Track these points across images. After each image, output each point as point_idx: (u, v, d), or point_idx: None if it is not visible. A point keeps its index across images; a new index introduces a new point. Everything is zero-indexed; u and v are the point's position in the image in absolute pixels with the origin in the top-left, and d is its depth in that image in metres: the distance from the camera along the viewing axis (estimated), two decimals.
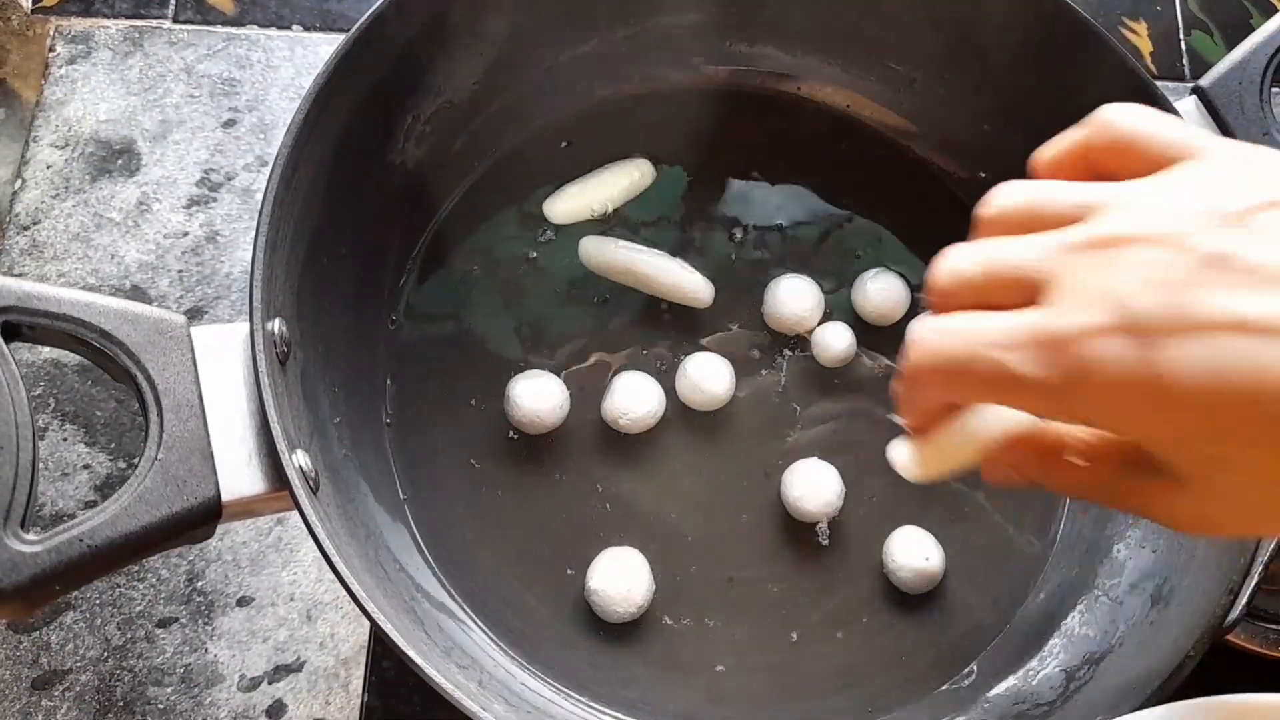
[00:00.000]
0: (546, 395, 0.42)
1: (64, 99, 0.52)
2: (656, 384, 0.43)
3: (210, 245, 0.50)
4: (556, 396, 0.42)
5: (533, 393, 0.42)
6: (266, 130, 0.53)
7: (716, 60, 0.49)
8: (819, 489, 0.42)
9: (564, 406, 0.43)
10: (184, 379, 0.32)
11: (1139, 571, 0.40)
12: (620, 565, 0.40)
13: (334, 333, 0.39)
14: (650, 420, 0.43)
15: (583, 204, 0.47)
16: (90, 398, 0.47)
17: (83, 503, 0.45)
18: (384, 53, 0.39)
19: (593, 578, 0.40)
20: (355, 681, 0.43)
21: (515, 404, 0.42)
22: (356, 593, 0.30)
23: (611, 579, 0.40)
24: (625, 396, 0.43)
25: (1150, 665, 0.34)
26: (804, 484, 0.42)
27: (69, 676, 0.43)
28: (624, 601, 0.40)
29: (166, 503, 0.30)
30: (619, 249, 0.45)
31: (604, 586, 0.40)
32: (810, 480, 0.42)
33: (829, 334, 0.45)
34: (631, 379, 0.43)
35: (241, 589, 0.45)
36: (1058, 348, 0.23)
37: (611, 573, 0.40)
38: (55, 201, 0.50)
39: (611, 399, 0.43)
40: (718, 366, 0.44)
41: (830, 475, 0.42)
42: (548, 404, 0.42)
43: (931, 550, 0.42)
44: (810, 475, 0.42)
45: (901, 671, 0.41)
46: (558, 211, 0.46)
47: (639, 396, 0.43)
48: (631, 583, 0.40)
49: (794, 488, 0.42)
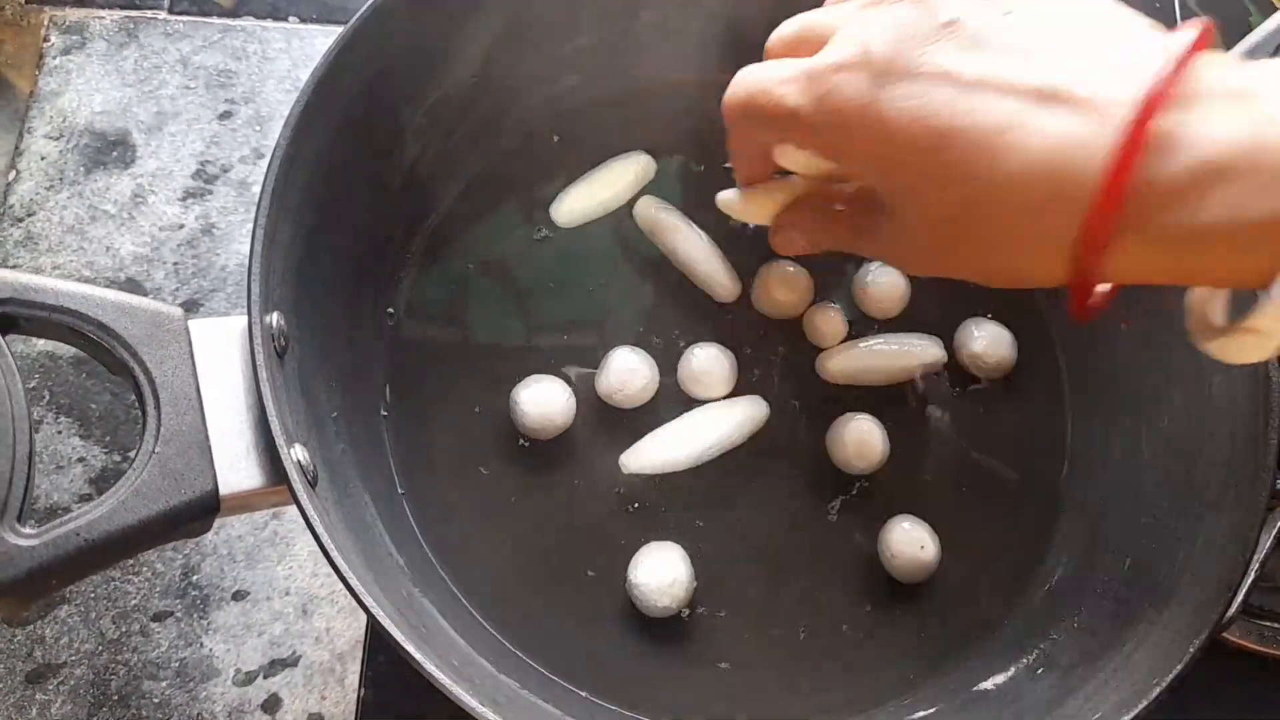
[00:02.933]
0: (553, 399, 0.42)
1: (58, 90, 0.52)
2: (650, 359, 0.43)
3: (206, 238, 0.50)
4: (561, 398, 0.42)
5: (539, 399, 0.42)
6: (263, 123, 0.52)
7: (717, 60, 0.49)
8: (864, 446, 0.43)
9: (570, 409, 0.42)
10: (182, 372, 0.31)
11: (1137, 569, 0.40)
12: (660, 560, 0.40)
13: (332, 326, 0.39)
14: (644, 395, 0.43)
15: (589, 205, 0.46)
16: (85, 390, 0.47)
17: (78, 496, 0.45)
18: (382, 46, 0.39)
19: (636, 572, 0.40)
20: (351, 676, 0.43)
21: (522, 413, 0.42)
22: (355, 588, 0.30)
23: (654, 573, 0.40)
24: (618, 374, 0.42)
25: (1150, 664, 0.34)
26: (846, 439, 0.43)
27: (64, 670, 0.42)
28: (665, 595, 0.40)
29: (164, 496, 0.30)
30: (670, 217, 0.45)
31: (647, 580, 0.40)
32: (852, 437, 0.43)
33: (819, 318, 0.45)
34: (624, 355, 0.43)
35: (237, 583, 0.45)
36: (815, 78, 0.29)
37: (654, 568, 0.40)
38: (50, 193, 0.50)
39: (606, 376, 0.43)
40: (720, 359, 0.44)
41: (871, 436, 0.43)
42: (555, 407, 0.42)
43: (927, 539, 0.42)
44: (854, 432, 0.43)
45: (902, 665, 0.41)
46: (564, 214, 0.46)
47: (634, 371, 0.43)
48: (675, 576, 0.40)
49: (843, 445, 0.43)
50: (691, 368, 0.44)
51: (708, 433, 0.43)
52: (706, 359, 0.44)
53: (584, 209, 0.46)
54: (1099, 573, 0.41)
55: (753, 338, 0.45)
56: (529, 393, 0.42)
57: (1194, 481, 0.39)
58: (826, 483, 0.44)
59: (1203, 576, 0.36)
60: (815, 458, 0.44)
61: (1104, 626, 0.39)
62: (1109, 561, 0.41)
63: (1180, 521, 0.39)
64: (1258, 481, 0.36)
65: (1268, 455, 0.36)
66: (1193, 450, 0.40)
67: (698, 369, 0.43)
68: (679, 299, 0.46)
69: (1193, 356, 0.41)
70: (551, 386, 0.42)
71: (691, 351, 0.44)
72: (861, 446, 0.43)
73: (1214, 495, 0.38)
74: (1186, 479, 0.40)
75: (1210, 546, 0.37)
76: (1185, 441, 0.40)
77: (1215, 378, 0.40)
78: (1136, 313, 0.44)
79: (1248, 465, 0.37)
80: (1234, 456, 0.38)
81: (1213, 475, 0.38)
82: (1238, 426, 0.38)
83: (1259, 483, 0.36)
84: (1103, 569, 0.41)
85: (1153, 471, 0.41)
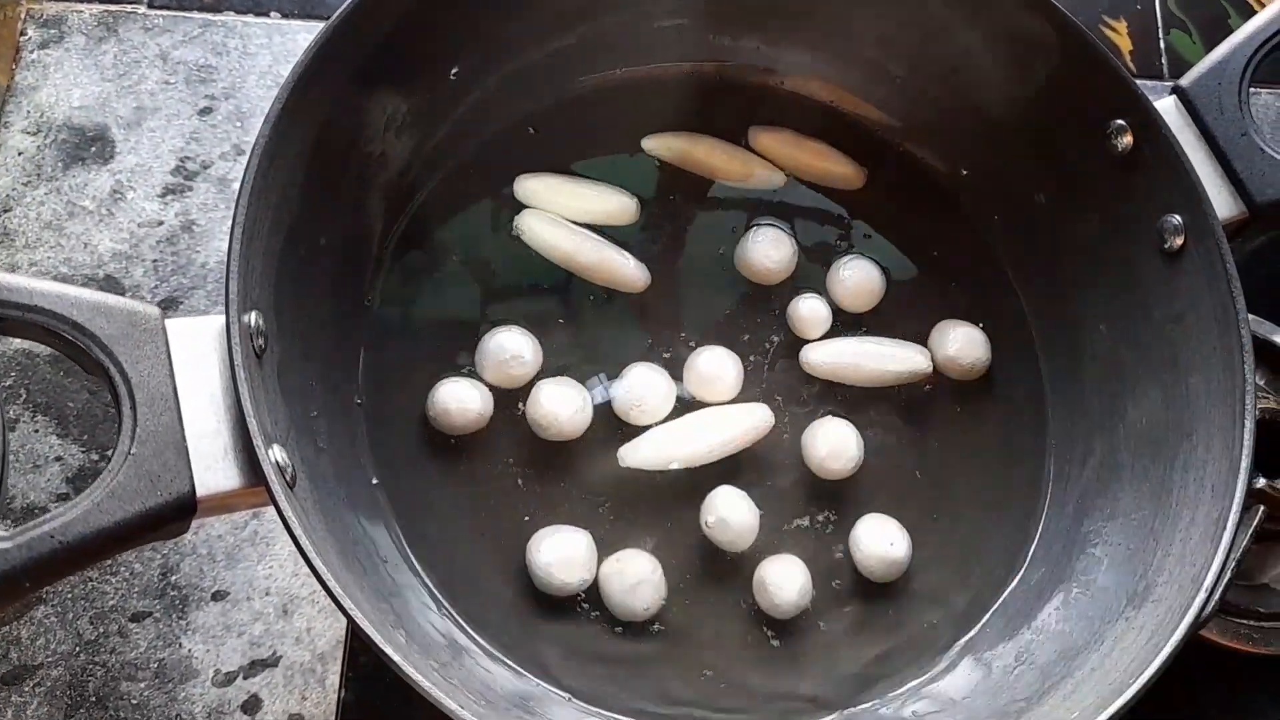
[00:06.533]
0: (568, 401, 0.42)
1: (36, 84, 0.51)
2: (584, 390, 0.43)
3: (186, 235, 0.49)
4: (577, 400, 0.42)
5: (556, 398, 0.42)
6: (244, 118, 0.52)
7: (699, 54, 0.49)
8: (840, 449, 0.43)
9: (587, 411, 0.42)
10: (158, 372, 0.31)
11: (1115, 568, 0.40)
12: (629, 562, 0.40)
13: (311, 326, 0.39)
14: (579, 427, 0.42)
15: (552, 226, 0.46)
16: (62, 388, 0.46)
17: (54, 495, 0.45)
18: (364, 41, 0.39)
19: (607, 582, 0.40)
20: (332, 677, 0.43)
21: (539, 407, 0.42)
22: (334, 590, 0.30)
23: (620, 579, 0.40)
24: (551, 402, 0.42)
25: (1128, 663, 0.35)
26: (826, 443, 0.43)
27: (39, 671, 0.42)
28: (636, 603, 0.40)
29: (140, 498, 0.30)
30: (561, 230, 0.45)
31: (613, 590, 0.40)
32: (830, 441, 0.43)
33: (804, 307, 0.45)
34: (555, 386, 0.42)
35: (216, 583, 0.44)
36: None
37: (620, 571, 0.40)
38: (27, 189, 0.49)
39: (537, 406, 0.42)
40: (726, 361, 0.44)
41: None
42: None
43: (896, 536, 0.42)
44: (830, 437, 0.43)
45: (880, 665, 0.42)
46: (527, 231, 0.46)
47: (567, 401, 0.42)
48: (641, 582, 0.40)
49: (817, 449, 0.43)
50: (698, 369, 0.44)
51: (710, 434, 0.42)
52: (713, 361, 0.44)
53: (548, 239, 0.45)
54: (1076, 572, 0.42)
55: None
56: (445, 390, 0.42)
57: (1171, 481, 0.40)
58: (801, 481, 0.44)
59: (1180, 575, 0.37)
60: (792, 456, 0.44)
61: (1081, 625, 0.39)
62: (1086, 561, 0.42)
63: (1157, 520, 0.39)
64: (1234, 481, 0.36)
65: (1243, 455, 0.36)
66: (1170, 450, 0.40)
67: (704, 371, 0.44)
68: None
69: (1170, 357, 0.41)
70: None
71: (698, 354, 0.44)
72: (836, 454, 0.43)
73: (1191, 494, 0.38)
74: (1163, 478, 0.40)
75: (1187, 545, 0.37)
76: (1162, 442, 0.41)
77: (1192, 378, 0.40)
78: (1116, 313, 0.44)
79: (1223, 465, 0.37)
80: (1210, 456, 0.38)
81: (1190, 475, 0.39)
82: (1214, 426, 0.38)
83: (1234, 482, 0.36)
84: (1080, 568, 0.42)
85: (1130, 471, 0.42)
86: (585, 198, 0.46)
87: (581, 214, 0.46)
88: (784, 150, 0.48)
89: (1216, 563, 0.35)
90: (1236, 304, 0.38)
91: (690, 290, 0.47)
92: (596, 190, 0.47)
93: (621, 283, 0.45)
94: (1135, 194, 0.42)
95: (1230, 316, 0.38)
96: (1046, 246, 0.47)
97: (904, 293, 0.47)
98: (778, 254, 0.46)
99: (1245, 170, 0.43)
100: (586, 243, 0.45)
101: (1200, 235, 0.40)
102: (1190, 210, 0.40)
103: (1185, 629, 0.34)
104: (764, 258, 0.46)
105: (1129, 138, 0.42)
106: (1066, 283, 0.46)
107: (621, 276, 0.45)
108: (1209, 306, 0.39)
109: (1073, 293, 0.46)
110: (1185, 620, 0.34)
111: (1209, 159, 0.43)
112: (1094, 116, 0.43)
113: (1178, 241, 0.40)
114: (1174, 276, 0.41)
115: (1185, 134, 0.43)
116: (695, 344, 0.45)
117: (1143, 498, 0.41)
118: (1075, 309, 0.46)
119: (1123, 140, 0.42)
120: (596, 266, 0.45)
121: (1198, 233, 0.40)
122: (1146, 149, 0.42)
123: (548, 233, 0.45)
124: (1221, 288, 0.39)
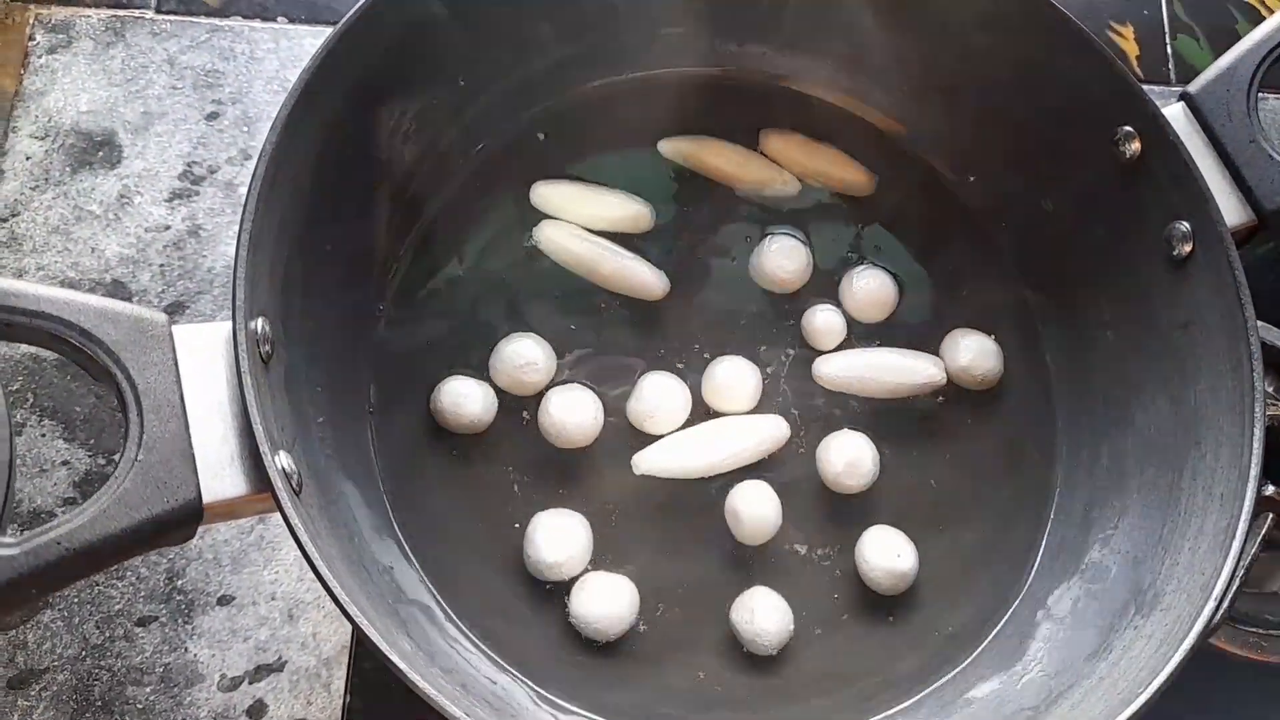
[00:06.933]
0: (579, 408, 0.42)
1: (44, 89, 0.51)
2: (595, 398, 0.43)
3: (193, 239, 0.50)
4: (590, 407, 0.42)
5: (567, 405, 0.42)
6: (250, 124, 0.52)
7: (706, 60, 0.49)
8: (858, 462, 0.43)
9: (599, 419, 0.42)
10: (165, 379, 0.31)
11: (1123, 577, 0.40)
12: (605, 585, 0.40)
13: (319, 332, 0.39)
14: (590, 435, 0.42)
15: (571, 236, 0.46)
16: (69, 393, 0.46)
17: (61, 500, 0.45)
18: (371, 47, 0.39)
19: (577, 600, 0.40)
20: (337, 682, 0.43)
21: (550, 414, 0.42)
22: (339, 596, 0.30)
23: (597, 601, 0.40)
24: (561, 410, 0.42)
25: (1136, 672, 0.34)
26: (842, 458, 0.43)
27: (46, 675, 0.42)
28: (614, 620, 0.39)
29: (147, 505, 0.30)
30: (581, 241, 0.45)
31: (586, 610, 0.40)
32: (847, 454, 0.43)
33: (819, 319, 0.45)
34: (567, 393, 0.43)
35: (222, 587, 0.44)
36: None
37: (597, 592, 0.40)
38: (34, 193, 0.49)
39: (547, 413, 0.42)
40: (745, 372, 0.44)
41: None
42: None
43: (903, 547, 0.42)
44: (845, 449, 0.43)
45: (884, 674, 0.41)
46: (545, 241, 0.46)
47: (578, 409, 0.42)
48: (615, 600, 0.40)
49: (832, 463, 0.43)
50: (717, 379, 0.44)
51: (725, 444, 0.42)
52: (733, 371, 0.44)
53: (569, 249, 0.45)
54: (1085, 581, 0.41)
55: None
56: (451, 386, 0.42)
57: (1179, 489, 0.39)
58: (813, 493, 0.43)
59: (1189, 583, 0.36)
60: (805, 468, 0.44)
61: (1090, 634, 0.39)
62: (1094, 569, 0.41)
63: (1166, 528, 0.39)
64: (1243, 488, 0.36)
65: (1252, 463, 0.36)
66: (1178, 458, 0.40)
67: (723, 380, 0.43)
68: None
69: (1178, 366, 0.41)
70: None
71: (717, 363, 0.44)
72: (852, 469, 0.43)
73: (1200, 502, 0.38)
74: (1172, 486, 0.40)
75: (1196, 553, 0.37)
76: (1171, 449, 0.40)
77: (1200, 386, 0.40)
78: (1123, 320, 0.44)
79: (1232, 473, 0.37)
80: (1219, 464, 0.38)
81: (1198, 482, 0.39)
82: (1223, 434, 0.38)
83: (1243, 490, 0.36)
84: (1088, 576, 0.41)
85: (1138, 479, 0.42)
86: (601, 205, 0.46)
87: (597, 221, 0.46)
88: (794, 154, 0.48)
89: (1226, 571, 0.35)
90: (1245, 311, 0.38)
91: (704, 299, 0.46)
92: (612, 198, 0.46)
93: (641, 290, 0.45)
94: (1143, 201, 0.42)
95: (1239, 324, 0.38)
96: (1054, 253, 0.46)
97: (914, 300, 0.47)
98: (792, 264, 0.46)
99: (1253, 177, 0.43)
100: (607, 253, 0.45)
101: (1208, 242, 0.40)
102: (1198, 217, 0.40)
103: (1194, 638, 0.34)
104: (778, 268, 0.46)
105: (1137, 144, 0.42)
106: (1074, 289, 0.46)
107: (641, 284, 0.45)
108: (1217, 314, 0.39)
109: (1080, 300, 0.46)
110: (1194, 629, 0.34)
111: (1217, 165, 0.43)
112: (1101, 123, 0.43)
113: (1186, 248, 0.40)
114: (1182, 284, 0.41)
115: (1193, 140, 0.43)
116: (710, 354, 0.45)
117: (1151, 506, 0.40)
118: (1083, 316, 0.45)
119: (1130, 147, 0.42)
120: (617, 275, 0.45)
121: (1206, 240, 0.40)
122: (1154, 156, 0.41)
123: (568, 243, 0.45)
124: (1230, 295, 0.39)
